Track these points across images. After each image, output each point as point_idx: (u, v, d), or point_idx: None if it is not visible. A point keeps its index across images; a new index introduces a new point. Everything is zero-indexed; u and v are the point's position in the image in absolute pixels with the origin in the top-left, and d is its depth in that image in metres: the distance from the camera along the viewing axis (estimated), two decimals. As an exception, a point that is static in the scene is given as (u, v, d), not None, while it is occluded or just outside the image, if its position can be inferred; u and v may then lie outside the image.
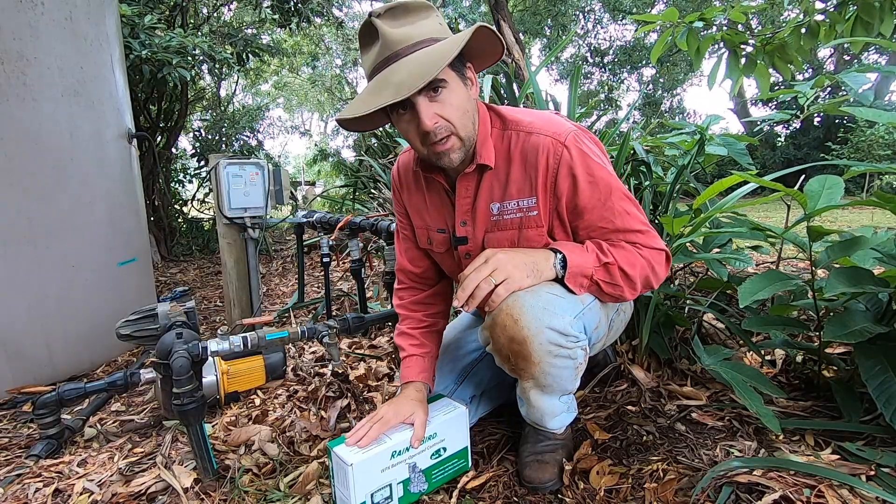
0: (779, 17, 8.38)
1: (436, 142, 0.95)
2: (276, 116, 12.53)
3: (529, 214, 1.03)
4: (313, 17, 5.49)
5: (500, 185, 1.05)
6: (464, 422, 1.10)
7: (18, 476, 1.22)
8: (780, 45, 1.67)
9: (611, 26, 15.66)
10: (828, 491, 0.84)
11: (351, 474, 0.93)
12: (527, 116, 1.04)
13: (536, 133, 1.01)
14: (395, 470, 0.99)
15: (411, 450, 1.01)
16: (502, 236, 1.06)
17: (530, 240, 1.04)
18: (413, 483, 1.02)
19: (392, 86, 0.88)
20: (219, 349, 1.21)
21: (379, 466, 0.97)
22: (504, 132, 1.04)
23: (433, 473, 1.05)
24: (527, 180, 1.02)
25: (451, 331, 1.34)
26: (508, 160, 1.03)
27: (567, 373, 0.99)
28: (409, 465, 1.01)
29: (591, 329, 1.03)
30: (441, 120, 0.93)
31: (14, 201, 1.73)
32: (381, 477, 0.98)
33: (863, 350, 1.04)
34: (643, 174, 1.62)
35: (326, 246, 2.32)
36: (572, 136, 0.99)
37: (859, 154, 8.83)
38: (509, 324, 0.93)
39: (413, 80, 0.86)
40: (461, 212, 1.09)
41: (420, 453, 1.02)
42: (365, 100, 0.91)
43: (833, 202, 1.12)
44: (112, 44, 2.22)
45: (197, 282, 3.90)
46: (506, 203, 1.05)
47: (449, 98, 0.93)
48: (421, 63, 0.88)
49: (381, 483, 0.98)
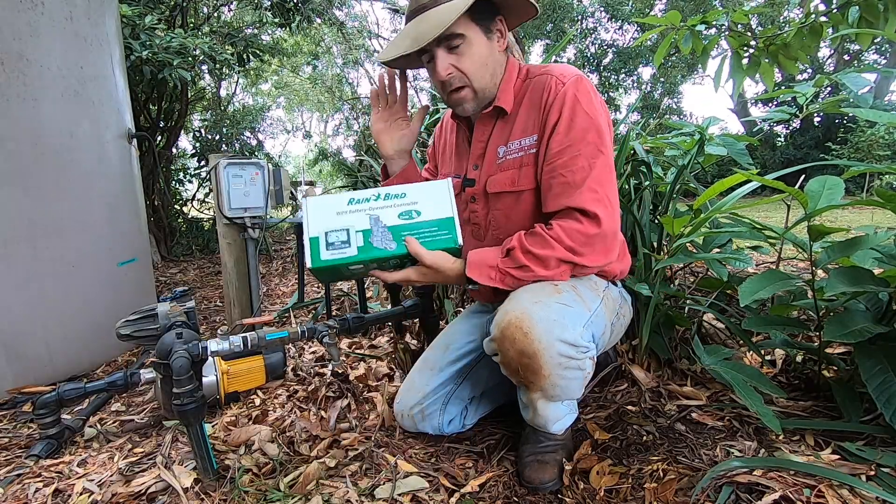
0: (779, 18, 8.38)
1: (451, 90, 1.04)
2: (276, 117, 12.53)
3: (530, 152, 1.05)
4: (314, 17, 5.49)
5: (508, 128, 1.09)
6: (444, 191, 1.03)
7: (18, 476, 1.21)
8: (782, 45, 1.67)
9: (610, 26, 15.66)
10: (828, 491, 0.84)
11: (306, 208, 0.98)
12: (549, 65, 1.09)
13: (546, 73, 1.05)
14: (353, 216, 0.99)
15: (373, 201, 1.00)
16: (503, 177, 1.09)
17: (528, 178, 1.06)
18: (376, 237, 0.99)
19: (411, 37, 0.98)
20: (219, 349, 1.21)
21: (334, 209, 0.99)
22: (525, 81, 1.09)
23: (402, 234, 1.00)
24: (530, 119, 1.05)
25: (452, 330, 1.34)
26: (520, 104, 1.08)
27: (576, 383, 0.99)
28: (369, 216, 0.99)
29: (599, 336, 1.03)
30: (455, 71, 1.01)
31: (14, 201, 1.73)
32: (336, 219, 0.98)
33: (863, 350, 1.04)
34: (643, 174, 1.62)
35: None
36: (575, 80, 1.01)
37: (859, 154, 8.83)
38: (519, 336, 0.91)
39: (429, 32, 0.95)
40: (475, 155, 1.15)
41: (383, 208, 1.00)
42: (389, 48, 1.03)
43: (833, 202, 1.12)
44: (112, 44, 2.22)
45: (197, 282, 3.90)
46: (510, 144, 1.08)
47: (467, 51, 1.00)
48: (440, 15, 0.96)
49: (336, 225, 0.98)
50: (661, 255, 1.46)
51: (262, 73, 10.39)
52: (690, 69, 15.73)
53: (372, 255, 0.98)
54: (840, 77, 1.36)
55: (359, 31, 14.58)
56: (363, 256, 0.98)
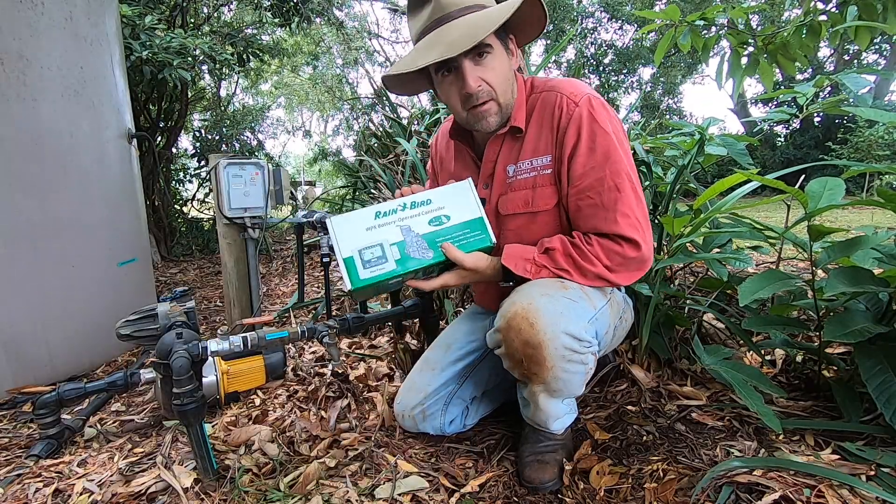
0: (779, 18, 8.38)
1: (476, 105, 0.99)
2: (276, 117, 12.51)
3: (543, 173, 1.04)
4: (314, 17, 5.49)
5: (517, 146, 1.07)
6: (468, 192, 1.02)
7: (18, 476, 1.21)
8: (781, 45, 1.67)
9: (610, 27, 15.66)
10: (828, 491, 0.84)
11: (331, 228, 0.94)
12: (554, 80, 1.07)
13: (554, 90, 1.03)
14: (384, 230, 0.96)
15: (400, 212, 0.97)
16: (515, 197, 1.07)
17: (544, 199, 1.05)
18: (411, 247, 0.97)
19: (442, 44, 0.92)
20: (219, 349, 1.21)
21: (362, 225, 0.95)
22: (531, 96, 1.07)
23: (437, 241, 0.99)
24: (541, 138, 1.04)
25: (452, 331, 1.34)
26: (529, 121, 1.06)
27: (578, 378, 0.99)
28: (400, 227, 0.97)
29: (602, 334, 1.03)
30: (483, 84, 0.98)
31: (14, 201, 1.73)
32: (367, 235, 0.95)
33: (863, 350, 1.04)
34: (643, 174, 1.62)
35: (326, 246, 2.32)
36: (587, 99, 1.00)
37: (859, 154, 8.84)
38: (525, 327, 0.92)
39: (463, 40, 0.90)
40: (485, 174, 1.13)
41: (413, 217, 0.98)
42: (414, 57, 0.96)
43: (834, 202, 1.12)
44: (112, 44, 2.22)
45: (197, 282, 3.90)
46: (520, 163, 1.06)
47: (492, 63, 0.98)
48: (471, 25, 0.92)
49: (368, 241, 0.95)
50: (661, 255, 1.46)
51: (262, 73, 10.39)
52: (690, 69, 15.74)
53: (411, 266, 0.97)
54: (840, 78, 1.36)
55: (358, 32, 14.58)
56: (402, 269, 0.96)
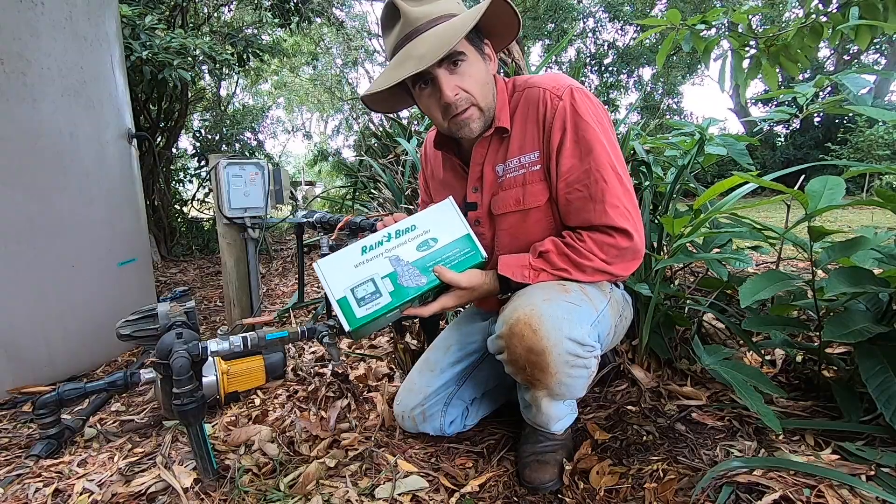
0: (779, 19, 8.39)
1: (457, 114, 0.98)
2: (276, 117, 12.52)
3: (532, 169, 1.03)
4: (313, 17, 5.50)
5: (504, 146, 1.07)
6: (450, 211, 1.02)
7: (18, 476, 1.21)
8: (783, 46, 1.67)
9: (611, 27, 15.67)
10: (828, 491, 0.84)
11: (320, 272, 0.93)
12: (535, 77, 1.07)
13: (536, 86, 1.03)
14: (372, 264, 0.95)
15: (386, 243, 0.96)
16: (507, 196, 1.07)
17: (535, 195, 1.04)
18: (403, 276, 0.96)
19: (413, 58, 0.92)
20: (219, 349, 1.20)
21: (351, 262, 0.95)
22: (513, 95, 1.07)
23: (429, 266, 0.98)
24: (526, 135, 1.03)
25: (452, 331, 1.34)
26: (513, 120, 1.06)
27: (581, 382, 0.99)
28: (388, 258, 0.96)
29: (604, 336, 1.03)
30: (461, 91, 0.97)
31: (14, 201, 1.73)
32: (356, 273, 0.94)
33: (863, 350, 1.04)
34: (643, 174, 1.62)
35: (326, 246, 2.31)
36: (569, 91, 1.00)
37: (859, 154, 8.84)
38: (528, 333, 0.91)
39: (433, 52, 0.90)
40: (473, 178, 1.12)
41: (400, 245, 0.98)
42: (387, 74, 0.95)
43: (834, 202, 1.12)
44: (112, 44, 2.22)
45: (197, 282, 3.90)
46: (508, 162, 1.06)
47: (468, 70, 0.97)
48: (439, 36, 0.92)
49: (359, 278, 0.94)
50: (661, 255, 1.46)
51: (262, 73, 10.39)
52: (691, 69, 15.75)
53: (406, 296, 0.96)
54: (840, 78, 1.36)
55: (358, 31, 14.58)
56: (398, 301, 0.95)
